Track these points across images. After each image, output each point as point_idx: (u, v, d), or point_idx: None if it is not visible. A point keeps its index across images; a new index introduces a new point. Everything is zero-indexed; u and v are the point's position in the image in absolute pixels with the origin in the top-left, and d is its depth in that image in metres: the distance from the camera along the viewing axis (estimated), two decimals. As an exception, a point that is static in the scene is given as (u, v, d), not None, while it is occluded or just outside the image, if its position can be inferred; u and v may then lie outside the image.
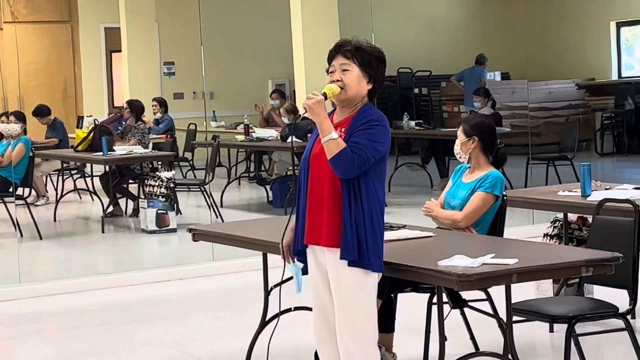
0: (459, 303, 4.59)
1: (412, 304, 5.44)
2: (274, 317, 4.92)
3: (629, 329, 4.62)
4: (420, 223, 5.18)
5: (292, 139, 10.54)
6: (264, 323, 5.24)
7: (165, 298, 7.52)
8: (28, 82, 12.77)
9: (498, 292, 4.24)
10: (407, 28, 17.92)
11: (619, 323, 4.67)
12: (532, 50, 16.74)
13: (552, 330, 5.78)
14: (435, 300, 4.28)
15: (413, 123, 12.71)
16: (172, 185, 10.06)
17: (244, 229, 5.46)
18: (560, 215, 6.38)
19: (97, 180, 11.58)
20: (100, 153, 10.52)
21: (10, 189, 9.80)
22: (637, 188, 6.11)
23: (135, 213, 10.73)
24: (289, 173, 11.05)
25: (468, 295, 4.52)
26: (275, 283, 4.67)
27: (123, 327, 6.62)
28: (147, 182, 10.25)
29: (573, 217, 6.33)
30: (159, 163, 11.20)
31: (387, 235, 4.19)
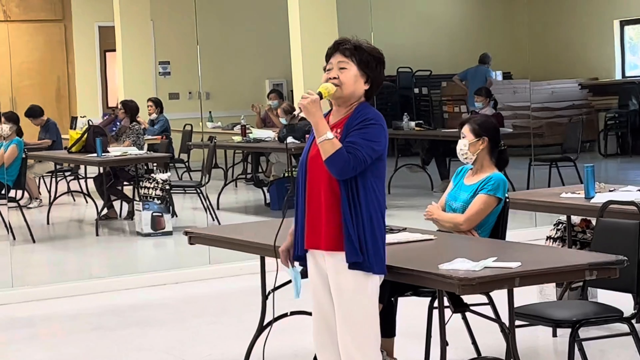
0: (461, 307, 4.56)
1: (413, 308, 5.40)
2: (271, 322, 4.88)
3: (634, 334, 4.61)
4: (421, 226, 5.15)
5: (286, 142, 10.47)
6: (262, 328, 5.21)
7: (161, 302, 7.48)
8: (21, 82, 12.72)
9: (500, 296, 4.21)
10: (406, 27, 17.88)
11: (624, 327, 4.67)
12: (534, 50, 16.70)
13: (555, 335, 5.75)
14: (437, 305, 4.27)
15: (413, 124, 12.65)
16: (167, 187, 10.01)
17: (241, 232, 5.44)
18: (564, 218, 6.36)
19: (91, 182, 11.52)
20: (95, 154, 10.46)
21: (3, 191, 9.77)
22: (641, 190, 6.07)
23: (130, 215, 10.67)
24: (287, 175, 10.99)
25: (470, 299, 4.48)
26: (272, 288, 4.61)
27: (118, 332, 6.57)
28: (142, 184, 10.22)
29: (576, 219, 6.31)
30: (154, 165, 11.13)
31: (387, 238, 4.17)
